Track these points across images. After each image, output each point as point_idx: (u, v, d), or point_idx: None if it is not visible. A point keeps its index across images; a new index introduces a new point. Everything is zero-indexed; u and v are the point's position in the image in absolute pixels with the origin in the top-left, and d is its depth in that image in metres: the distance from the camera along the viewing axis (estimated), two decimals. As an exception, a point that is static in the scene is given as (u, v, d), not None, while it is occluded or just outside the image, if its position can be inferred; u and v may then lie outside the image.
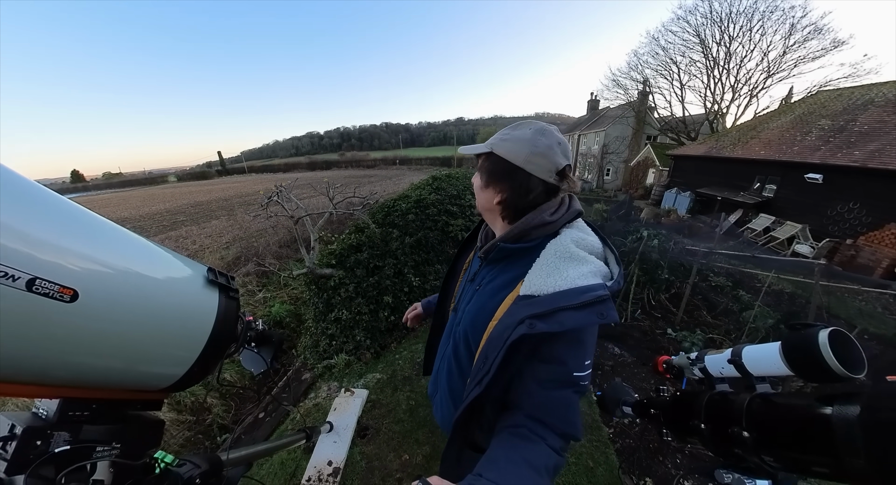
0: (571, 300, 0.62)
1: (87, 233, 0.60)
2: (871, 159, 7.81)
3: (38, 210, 0.52)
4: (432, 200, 4.42)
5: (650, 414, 0.89)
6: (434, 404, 1.09)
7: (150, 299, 0.66)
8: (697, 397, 0.73)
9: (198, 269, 0.84)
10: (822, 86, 15.10)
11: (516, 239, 0.78)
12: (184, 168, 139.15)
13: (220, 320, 0.80)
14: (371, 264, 3.73)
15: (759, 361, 0.73)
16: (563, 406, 0.68)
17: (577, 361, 0.69)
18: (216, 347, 0.80)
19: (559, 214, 0.77)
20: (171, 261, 0.78)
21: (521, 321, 0.63)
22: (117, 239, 0.66)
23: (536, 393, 0.68)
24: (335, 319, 3.55)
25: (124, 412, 0.73)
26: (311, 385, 3.39)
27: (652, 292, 4.19)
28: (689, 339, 3.35)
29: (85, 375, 0.61)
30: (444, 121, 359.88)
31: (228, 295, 0.87)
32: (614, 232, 5.17)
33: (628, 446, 2.35)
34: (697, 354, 0.93)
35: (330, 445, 2.37)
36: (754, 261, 3.73)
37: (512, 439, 0.66)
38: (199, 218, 16.35)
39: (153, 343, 0.68)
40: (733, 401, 0.64)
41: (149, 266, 0.70)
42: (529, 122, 0.79)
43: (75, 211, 0.60)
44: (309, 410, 2.95)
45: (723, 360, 0.82)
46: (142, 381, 0.73)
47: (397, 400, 2.83)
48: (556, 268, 0.68)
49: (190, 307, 0.77)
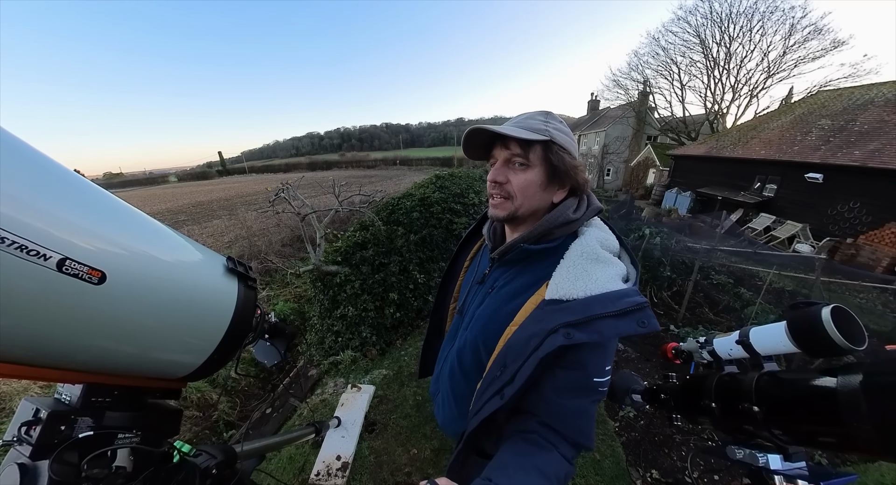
0: (608, 307, 0.58)
1: (116, 218, 0.61)
2: (871, 159, 7.84)
3: (69, 193, 0.53)
4: (436, 198, 4.46)
5: (660, 400, 0.91)
6: (436, 403, 1.06)
7: (173, 286, 0.67)
8: (707, 378, 0.76)
9: (217, 258, 0.84)
10: (822, 86, 15.13)
11: (538, 239, 0.73)
12: (184, 168, 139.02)
13: (239, 309, 0.80)
14: (376, 261, 3.76)
15: (766, 340, 0.77)
16: (579, 416, 0.65)
17: (598, 367, 0.65)
18: (235, 336, 0.80)
19: (581, 212, 0.73)
20: (192, 249, 0.78)
21: (553, 330, 0.58)
22: (143, 225, 0.67)
23: (552, 400, 0.65)
24: (341, 315, 3.58)
25: (144, 400, 0.74)
26: (318, 381, 3.42)
27: (654, 290, 4.22)
28: (691, 335, 3.38)
29: (108, 360, 0.61)
30: (445, 121, 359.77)
31: (247, 284, 0.87)
32: (616, 231, 5.20)
33: (634, 439, 2.38)
34: (706, 338, 0.96)
35: (338, 439, 2.39)
36: (756, 257, 3.76)
37: (523, 445, 0.63)
38: (200, 218, 16.37)
39: (175, 330, 0.69)
40: (742, 380, 0.67)
41: (173, 253, 0.70)
42: (541, 111, 0.74)
43: (104, 196, 0.61)
44: (316, 405, 2.98)
45: (731, 341, 0.86)
46: (162, 368, 0.73)
47: (404, 396, 2.86)
48: (584, 270, 0.64)
49: (211, 295, 0.77)
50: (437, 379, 1.03)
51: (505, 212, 0.73)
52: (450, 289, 1.10)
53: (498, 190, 0.73)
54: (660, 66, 20.39)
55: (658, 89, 20.82)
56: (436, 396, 1.05)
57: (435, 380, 1.06)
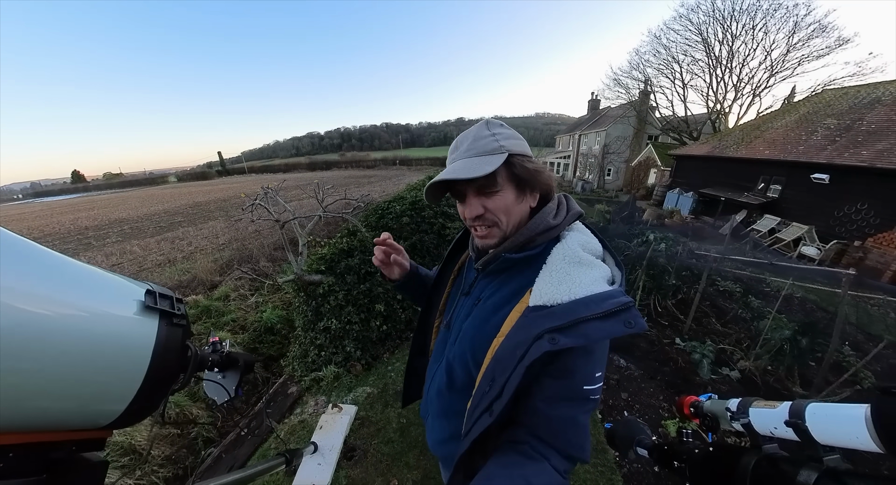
0: (593, 309, 0.56)
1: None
2: (879, 159, 7.64)
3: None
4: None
5: (672, 466, 0.73)
6: (427, 426, 1.00)
7: (66, 331, 0.52)
8: (740, 457, 0.58)
9: (131, 294, 0.70)
10: (826, 84, 14.93)
11: (520, 248, 0.73)
12: (184, 168, 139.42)
13: (158, 353, 0.67)
14: (363, 270, 3.55)
15: (833, 428, 0.55)
16: (570, 426, 0.62)
17: (587, 374, 0.61)
18: (157, 383, 0.67)
19: (561, 217, 0.73)
20: (98, 283, 0.64)
21: (538, 336, 0.57)
22: (24, 257, 0.50)
23: (541, 411, 0.62)
24: (324, 328, 3.36)
25: (51, 457, 0.57)
26: (298, 400, 3.21)
27: (658, 299, 4.00)
28: (699, 350, 3.16)
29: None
30: (445, 121, 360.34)
31: (171, 322, 0.73)
32: (618, 235, 4.97)
33: (636, 471, 2.16)
34: (738, 405, 0.74)
35: (314, 467, 2.19)
36: (773, 269, 3.52)
37: (513, 456, 0.61)
38: (196, 219, 16.24)
39: (74, 382, 0.54)
40: (792, 477, 0.48)
41: (66, 290, 0.55)
42: (485, 121, 0.74)
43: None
44: (294, 427, 2.77)
45: (777, 418, 0.64)
46: (70, 421, 0.58)
47: (388, 418, 2.65)
48: (567, 274, 0.63)
49: (119, 339, 0.62)
50: (426, 401, 0.98)
51: (495, 239, 0.74)
52: (435, 304, 1.03)
53: (480, 222, 0.73)
54: (661, 65, 20.16)
55: (659, 88, 20.59)
56: (426, 418, 1.00)
57: (424, 402, 1.01)
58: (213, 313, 5.56)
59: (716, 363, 3.11)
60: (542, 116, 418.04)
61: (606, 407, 2.71)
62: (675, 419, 2.48)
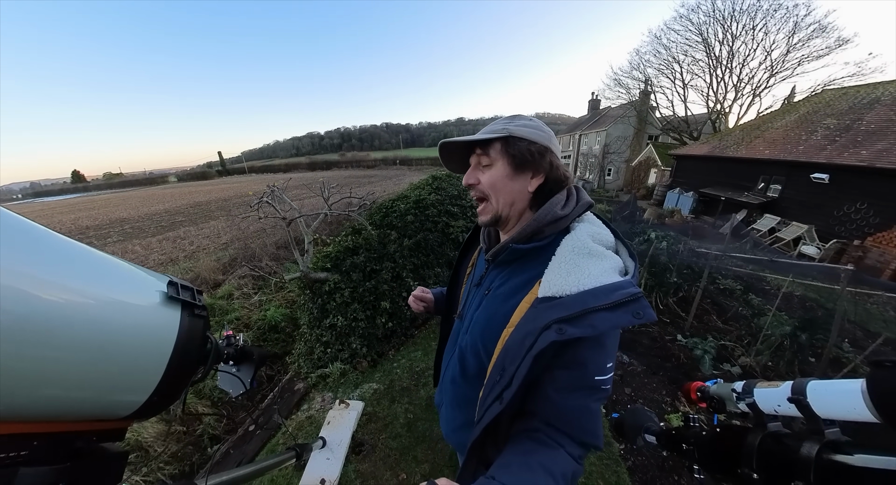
0: (601, 300, 0.57)
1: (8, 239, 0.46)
2: (878, 159, 7.67)
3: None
4: (432, 200, 4.28)
5: (681, 449, 0.75)
6: (441, 415, 1.03)
7: (90, 321, 0.54)
8: (745, 436, 0.60)
9: (154, 285, 0.71)
10: (826, 85, 14.97)
11: (529, 238, 0.73)
12: (184, 168, 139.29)
13: (180, 344, 0.68)
14: (368, 268, 3.58)
15: (832, 402, 0.59)
16: (583, 415, 0.63)
17: (598, 365, 0.63)
18: (178, 374, 0.69)
19: (570, 208, 0.73)
20: (123, 274, 0.66)
21: (546, 327, 0.57)
22: (51, 248, 0.53)
23: (554, 399, 0.63)
24: (330, 325, 3.40)
25: (74, 447, 0.59)
26: (305, 396, 3.24)
27: (660, 296, 4.04)
28: (700, 346, 3.20)
29: (18, 406, 0.48)
30: (445, 121, 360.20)
31: (193, 313, 0.75)
32: (620, 233, 5.01)
33: (641, 463, 2.20)
34: (743, 386, 0.78)
35: (322, 462, 2.23)
36: (772, 266, 3.56)
37: (528, 444, 0.62)
38: (197, 218, 16.26)
39: (97, 371, 0.56)
40: (795, 450, 0.51)
41: (92, 281, 0.57)
42: (511, 115, 0.76)
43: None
44: (301, 423, 2.81)
45: (780, 396, 0.68)
46: (92, 411, 0.60)
47: (395, 413, 2.69)
48: (576, 265, 0.63)
49: (142, 329, 0.64)
50: (441, 390, 1.01)
51: (488, 215, 0.76)
52: (456, 296, 1.07)
53: (473, 192, 0.77)
54: (661, 65, 20.22)
55: (660, 88, 20.65)
56: (441, 407, 1.02)
57: (439, 391, 1.04)
58: (216, 312, 5.59)
59: (717, 359, 3.15)
60: (542, 116, 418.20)
61: (611, 401, 2.75)
62: (678, 414, 2.52)
